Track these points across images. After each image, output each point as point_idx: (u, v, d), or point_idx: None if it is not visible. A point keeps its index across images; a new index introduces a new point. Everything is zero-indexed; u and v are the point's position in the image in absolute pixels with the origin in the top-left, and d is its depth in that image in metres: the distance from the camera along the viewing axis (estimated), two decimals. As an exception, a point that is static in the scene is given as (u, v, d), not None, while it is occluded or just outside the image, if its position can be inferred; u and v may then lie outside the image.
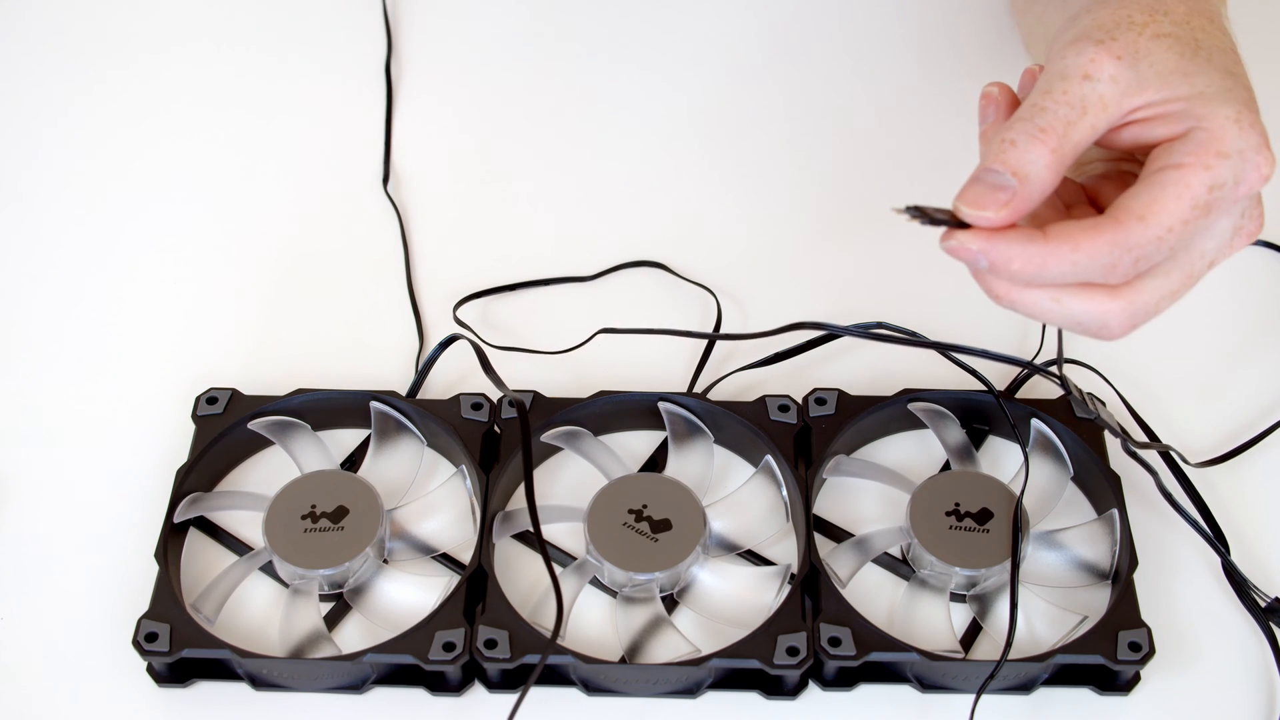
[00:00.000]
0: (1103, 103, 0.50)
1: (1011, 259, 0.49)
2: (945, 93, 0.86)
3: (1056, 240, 0.49)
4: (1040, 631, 0.64)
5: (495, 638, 0.61)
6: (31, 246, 0.80)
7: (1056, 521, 0.67)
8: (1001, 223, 0.49)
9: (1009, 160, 0.49)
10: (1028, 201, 0.49)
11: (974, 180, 0.50)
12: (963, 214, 0.50)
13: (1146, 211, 0.49)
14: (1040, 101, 0.50)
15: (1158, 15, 0.53)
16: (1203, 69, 0.51)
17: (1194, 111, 0.50)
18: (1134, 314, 0.51)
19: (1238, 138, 0.50)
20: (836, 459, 0.68)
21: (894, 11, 0.90)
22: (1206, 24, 0.53)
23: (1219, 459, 0.69)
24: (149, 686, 0.63)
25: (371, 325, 0.76)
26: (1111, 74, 0.51)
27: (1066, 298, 0.51)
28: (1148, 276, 0.51)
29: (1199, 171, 0.49)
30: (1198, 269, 0.52)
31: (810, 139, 0.85)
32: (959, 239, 0.50)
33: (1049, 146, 0.49)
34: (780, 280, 0.78)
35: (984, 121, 0.54)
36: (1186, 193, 0.49)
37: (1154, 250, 0.50)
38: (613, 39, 0.90)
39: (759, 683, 0.62)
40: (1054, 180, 0.50)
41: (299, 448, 0.69)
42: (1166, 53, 0.51)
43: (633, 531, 0.64)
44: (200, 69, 0.89)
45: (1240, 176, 0.50)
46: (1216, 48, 0.53)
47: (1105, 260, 0.49)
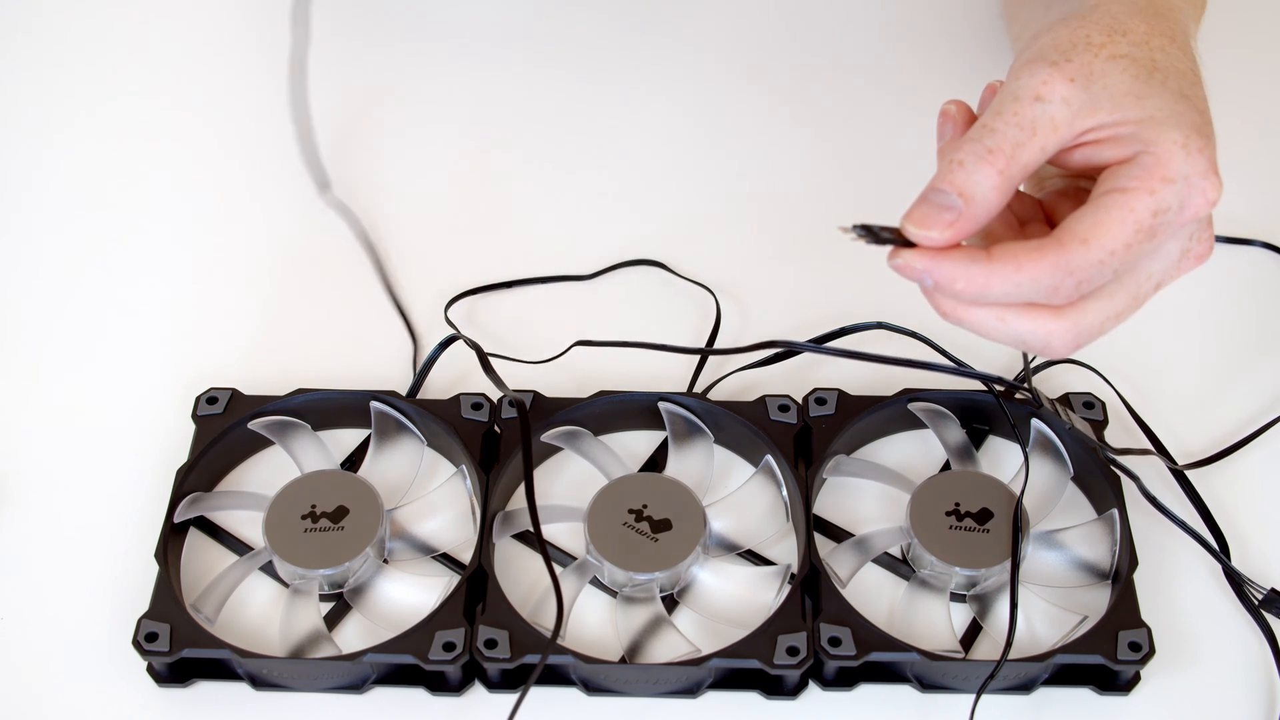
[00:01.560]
0: (1053, 124, 0.51)
1: (955, 279, 0.50)
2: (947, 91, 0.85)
3: (1000, 261, 0.49)
4: (1040, 631, 0.64)
5: (495, 638, 0.61)
6: (31, 247, 0.80)
7: (1056, 521, 0.67)
8: (946, 243, 0.50)
9: (956, 181, 0.50)
10: (973, 222, 0.50)
11: (921, 200, 0.50)
12: (909, 233, 0.50)
13: (1089, 235, 0.49)
14: (991, 123, 0.51)
15: (1115, 35, 0.53)
16: (1156, 91, 0.51)
17: (1142, 135, 0.50)
18: (1078, 334, 0.52)
19: (1184, 163, 0.50)
20: (836, 459, 0.68)
21: (896, 11, 0.90)
22: (1167, 44, 0.53)
23: (1208, 460, 0.69)
24: (149, 686, 0.63)
25: (371, 325, 0.76)
26: (1064, 96, 0.51)
27: (1011, 316, 0.51)
28: (1092, 298, 0.51)
29: (1143, 196, 0.50)
30: (1144, 290, 0.53)
31: (811, 138, 0.85)
32: (904, 258, 0.50)
33: (996, 168, 0.50)
34: (780, 280, 0.78)
35: (941, 139, 0.54)
36: (1130, 217, 0.50)
37: (1096, 273, 0.50)
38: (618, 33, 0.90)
39: (759, 683, 0.62)
40: (1001, 201, 0.50)
41: (299, 448, 0.69)
42: (1121, 74, 0.51)
43: (633, 531, 0.64)
44: (200, 70, 0.89)
45: (1185, 202, 0.50)
46: (1173, 69, 0.53)
47: (1048, 282, 0.50)
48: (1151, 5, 0.55)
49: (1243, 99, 0.86)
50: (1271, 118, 0.86)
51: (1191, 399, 0.72)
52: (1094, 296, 0.51)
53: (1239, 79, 0.86)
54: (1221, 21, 0.79)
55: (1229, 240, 0.78)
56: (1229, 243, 0.78)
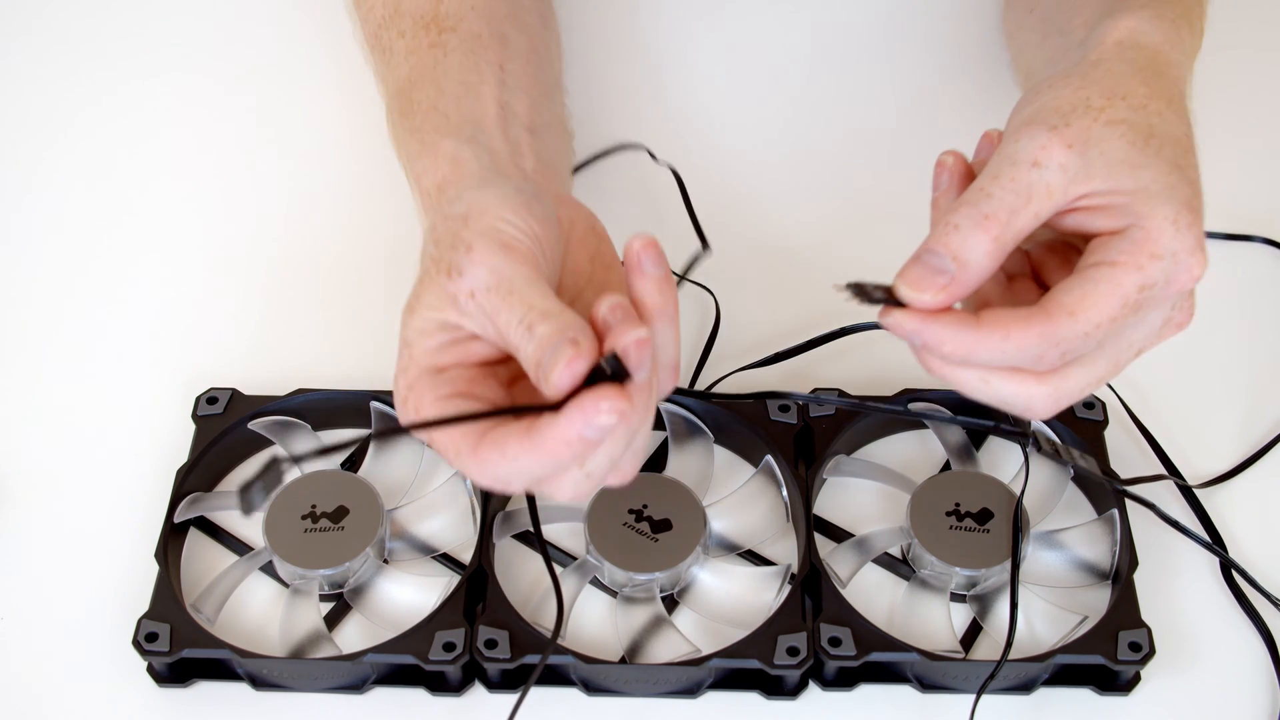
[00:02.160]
0: (1049, 190, 0.51)
1: (944, 342, 0.51)
2: (952, 90, 0.86)
3: (988, 328, 0.50)
4: (1040, 631, 0.64)
5: (495, 638, 0.61)
6: (32, 247, 0.80)
7: (1056, 521, 0.67)
8: (938, 305, 0.51)
9: (951, 244, 0.50)
10: (965, 286, 0.51)
11: (916, 260, 0.51)
12: (901, 294, 0.51)
13: (1077, 307, 0.50)
14: (988, 187, 0.51)
15: (1115, 99, 0.53)
16: (1151, 161, 0.52)
17: (1134, 208, 0.51)
18: (1058, 399, 0.53)
19: (1173, 239, 0.50)
20: (836, 459, 0.68)
21: (899, 13, 0.90)
22: (1164, 107, 0.54)
23: (1217, 479, 0.69)
24: (149, 686, 0.63)
25: (371, 325, 0.76)
26: (1061, 162, 0.51)
27: (995, 379, 0.52)
28: (1075, 365, 0.52)
29: (1132, 271, 0.50)
30: (1124, 358, 0.53)
31: (812, 137, 0.85)
32: (895, 317, 0.51)
33: (991, 234, 0.50)
34: (780, 279, 0.78)
35: (937, 189, 0.55)
36: (1118, 291, 0.50)
37: (1081, 344, 0.51)
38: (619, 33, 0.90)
39: (759, 683, 0.63)
40: (993, 266, 0.51)
41: (299, 448, 0.69)
42: (1118, 141, 0.52)
43: (633, 531, 0.64)
44: (200, 70, 0.89)
45: (1171, 277, 0.51)
46: (1169, 137, 0.53)
47: (1034, 351, 0.50)
48: (1152, 64, 0.56)
49: (1242, 93, 0.86)
50: (1271, 112, 0.86)
51: (1191, 394, 0.72)
52: (1077, 364, 0.52)
53: (1239, 73, 0.86)
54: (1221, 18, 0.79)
55: (1229, 236, 0.78)
56: (1229, 239, 0.78)
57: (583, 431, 0.47)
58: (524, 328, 0.49)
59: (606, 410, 0.47)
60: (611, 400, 0.47)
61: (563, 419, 0.47)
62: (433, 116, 0.62)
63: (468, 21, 0.67)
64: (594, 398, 0.47)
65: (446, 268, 0.51)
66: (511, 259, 0.51)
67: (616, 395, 0.47)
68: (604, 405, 0.47)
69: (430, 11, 0.68)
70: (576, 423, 0.47)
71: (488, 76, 0.65)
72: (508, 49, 0.67)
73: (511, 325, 0.50)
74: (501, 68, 0.66)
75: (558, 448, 0.48)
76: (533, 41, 0.70)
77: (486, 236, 0.52)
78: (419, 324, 0.52)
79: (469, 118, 0.62)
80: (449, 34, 0.66)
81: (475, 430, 0.50)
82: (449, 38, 0.66)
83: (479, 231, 0.52)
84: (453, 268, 0.51)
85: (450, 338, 0.52)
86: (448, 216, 0.53)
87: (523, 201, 0.53)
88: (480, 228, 0.52)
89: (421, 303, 0.52)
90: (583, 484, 0.51)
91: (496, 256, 0.51)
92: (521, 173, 0.60)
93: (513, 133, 0.63)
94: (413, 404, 0.52)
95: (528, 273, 0.51)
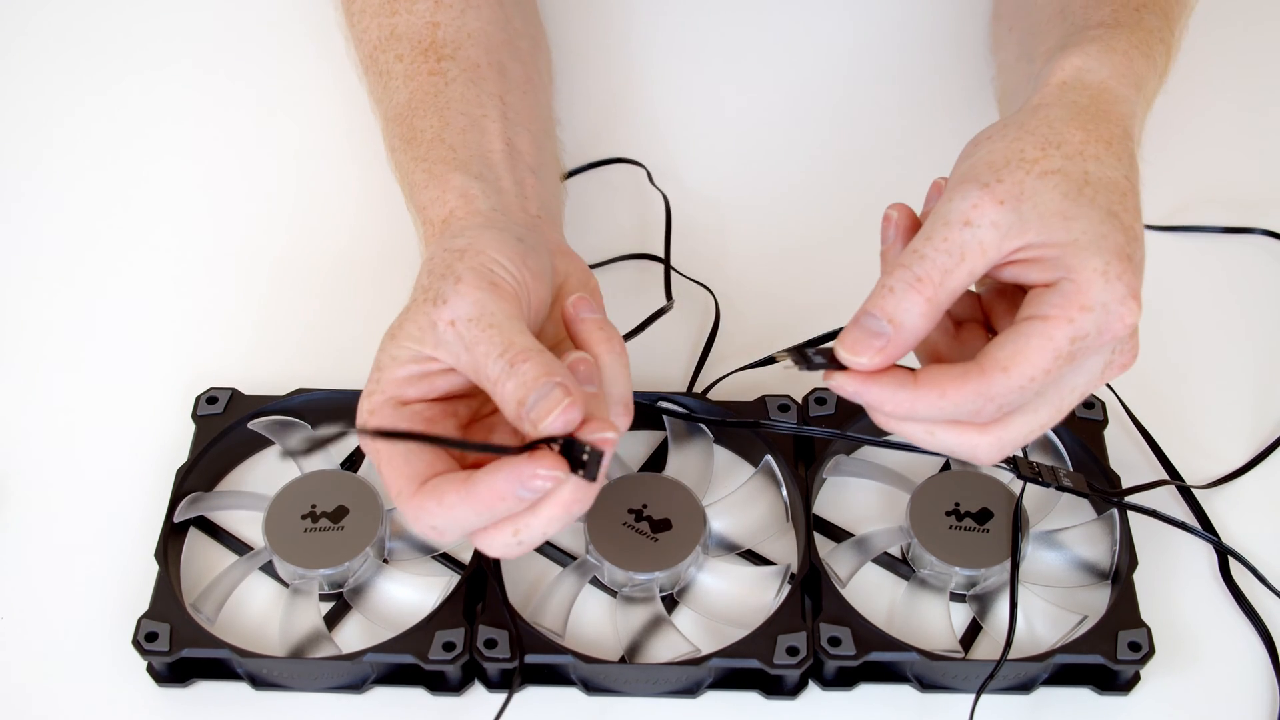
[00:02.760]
0: (982, 248, 0.52)
1: (884, 402, 0.52)
2: (950, 91, 0.86)
3: (925, 387, 0.52)
4: (1040, 631, 0.64)
5: (495, 637, 0.61)
6: (32, 246, 0.80)
7: (1056, 521, 0.67)
8: (875, 367, 0.52)
9: (886, 307, 0.52)
10: (902, 347, 0.52)
11: (854, 323, 0.52)
12: (842, 358, 0.52)
13: (1010, 363, 0.51)
14: (921, 249, 0.52)
15: (1050, 148, 0.54)
16: (1084, 211, 0.52)
17: (1065, 261, 0.52)
18: (1002, 447, 0.54)
19: (1103, 290, 0.51)
20: (836, 459, 0.68)
21: (898, 12, 0.90)
22: (1102, 152, 0.54)
23: (1218, 481, 0.69)
24: (149, 686, 0.63)
25: (372, 325, 0.76)
26: (993, 220, 0.52)
27: (939, 431, 0.54)
28: (1017, 414, 0.53)
29: (1062, 324, 0.51)
30: (1066, 403, 0.54)
31: (812, 137, 0.85)
32: (837, 380, 0.53)
33: (924, 295, 0.51)
34: (779, 279, 0.78)
35: (884, 243, 0.56)
36: (1049, 345, 0.51)
37: (1017, 397, 0.52)
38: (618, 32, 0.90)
39: (759, 682, 0.63)
40: (928, 325, 0.52)
41: (299, 447, 0.69)
42: (1051, 192, 0.52)
43: (633, 531, 0.64)
44: (200, 70, 0.89)
45: (1104, 327, 0.52)
46: (1104, 183, 0.53)
47: (970, 406, 0.52)
48: (1094, 103, 0.57)
49: (1240, 84, 0.86)
50: (1268, 103, 0.86)
51: (1191, 390, 0.72)
52: (1018, 412, 0.53)
53: (1236, 63, 0.86)
54: (1218, 7, 0.79)
55: (1229, 229, 0.78)
56: (1229, 231, 0.78)
57: (519, 490, 0.50)
58: (504, 361, 0.51)
59: (544, 476, 0.50)
60: (550, 469, 0.50)
61: (500, 474, 0.50)
62: (438, 148, 0.64)
63: (465, 50, 0.68)
64: (533, 463, 0.50)
65: (434, 296, 0.54)
66: (497, 296, 0.53)
67: (555, 464, 0.50)
68: (541, 471, 0.50)
69: (427, 37, 0.69)
70: (513, 480, 0.50)
71: (490, 110, 0.67)
72: (506, 80, 0.69)
73: (490, 357, 0.52)
74: (503, 100, 0.68)
75: (493, 500, 0.50)
76: (527, 70, 0.72)
77: (477, 273, 0.54)
78: (394, 350, 0.55)
79: (476, 153, 0.64)
80: (448, 61, 0.68)
81: (417, 476, 0.53)
82: (448, 65, 0.68)
83: (471, 267, 0.54)
84: (439, 296, 0.54)
85: (421, 370, 0.54)
86: (447, 249, 0.56)
87: (520, 251, 0.56)
88: (473, 264, 0.54)
89: (403, 330, 0.54)
90: (512, 548, 0.53)
91: (483, 292, 0.53)
92: (527, 216, 0.63)
93: (519, 173, 0.65)
94: (372, 428, 0.54)
95: (511, 310, 0.53)
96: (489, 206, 0.61)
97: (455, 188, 0.62)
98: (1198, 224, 0.79)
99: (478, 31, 0.70)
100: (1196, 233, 0.79)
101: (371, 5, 0.71)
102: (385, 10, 0.71)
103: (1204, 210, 0.79)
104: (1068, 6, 0.65)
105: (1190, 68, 0.65)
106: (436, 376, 0.55)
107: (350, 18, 0.73)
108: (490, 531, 0.52)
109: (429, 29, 0.69)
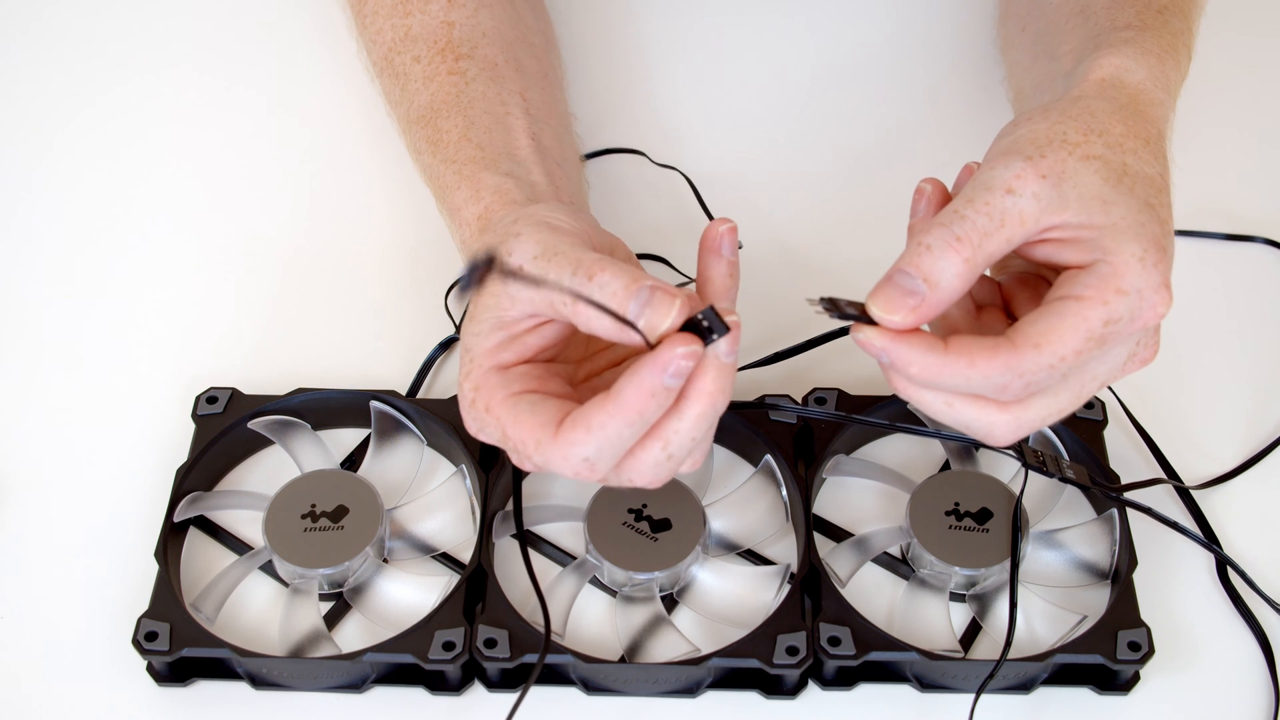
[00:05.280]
0: (1021, 218, 0.52)
1: (911, 363, 0.51)
2: (951, 90, 0.86)
3: (954, 355, 0.51)
4: (1040, 631, 0.64)
5: (495, 637, 0.61)
6: (32, 246, 0.80)
7: (1056, 521, 0.67)
8: (907, 326, 0.51)
9: (922, 265, 0.51)
10: (936, 307, 0.51)
11: (887, 280, 0.52)
12: (873, 313, 0.52)
13: (1042, 340, 0.51)
14: (962, 209, 0.52)
15: (1092, 135, 0.54)
16: (1124, 198, 0.52)
17: (1103, 243, 0.51)
18: (1019, 427, 0.54)
19: (1139, 276, 0.51)
20: (836, 459, 0.68)
21: (900, 12, 0.90)
22: (1140, 147, 0.54)
23: (1215, 481, 0.69)
24: (149, 686, 0.63)
25: (371, 325, 0.76)
26: (1034, 191, 0.52)
27: (958, 403, 0.53)
28: (1038, 396, 0.53)
29: (1097, 306, 0.51)
30: (1087, 390, 0.54)
31: (812, 137, 0.85)
32: (866, 334, 0.52)
33: (962, 256, 0.51)
34: (780, 279, 0.78)
35: (915, 215, 0.55)
36: (1083, 325, 0.51)
37: (1045, 376, 0.51)
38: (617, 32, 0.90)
39: (758, 682, 0.63)
40: (963, 287, 0.51)
41: (299, 447, 0.69)
42: (1092, 176, 0.52)
43: (633, 531, 0.64)
44: (201, 70, 0.89)
45: (1136, 313, 0.51)
46: (1143, 176, 0.53)
47: (998, 380, 0.51)
48: (1133, 103, 0.57)
49: (1243, 94, 0.86)
50: (1271, 114, 0.86)
51: (1191, 394, 0.72)
52: (1040, 394, 0.53)
53: (1240, 72, 0.86)
54: (1224, 19, 0.79)
55: (1229, 237, 0.79)
56: (1229, 239, 0.79)
57: (665, 379, 0.49)
58: (582, 275, 0.51)
59: (684, 354, 0.49)
60: (687, 344, 0.49)
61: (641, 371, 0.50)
62: (466, 148, 0.64)
63: (482, 48, 0.69)
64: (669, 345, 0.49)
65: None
66: (556, 234, 0.54)
67: (690, 340, 0.50)
68: (680, 349, 0.49)
69: (443, 37, 0.69)
70: (656, 370, 0.49)
71: (513, 108, 0.67)
72: (525, 76, 0.69)
73: (563, 280, 0.51)
74: (524, 97, 0.68)
75: (641, 400, 0.50)
76: (543, 65, 0.72)
77: (534, 223, 0.54)
78: (475, 328, 0.55)
79: (504, 152, 0.65)
80: (465, 60, 0.68)
81: (551, 420, 0.52)
82: (466, 64, 0.68)
83: (529, 222, 0.55)
84: (502, 254, 0.53)
85: (507, 334, 0.54)
86: (501, 226, 0.56)
87: (571, 211, 0.57)
88: (530, 220, 0.55)
89: (476, 306, 0.55)
90: (663, 465, 0.52)
91: (543, 232, 0.54)
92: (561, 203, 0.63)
93: (547, 165, 0.65)
94: (481, 402, 0.54)
95: (574, 241, 0.53)
96: (525, 196, 0.62)
97: (489, 185, 0.62)
98: (1200, 230, 0.79)
99: (492, 29, 0.70)
100: (1199, 239, 0.79)
101: (384, 7, 0.71)
102: (399, 11, 0.71)
103: (1206, 218, 0.79)
104: (1088, 7, 0.65)
105: (1194, 75, 0.65)
106: (525, 336, 0.54)
107: (362, 20, 0.73)
108: (639, 454, 0.52)
109: (444, 28, 0.69)
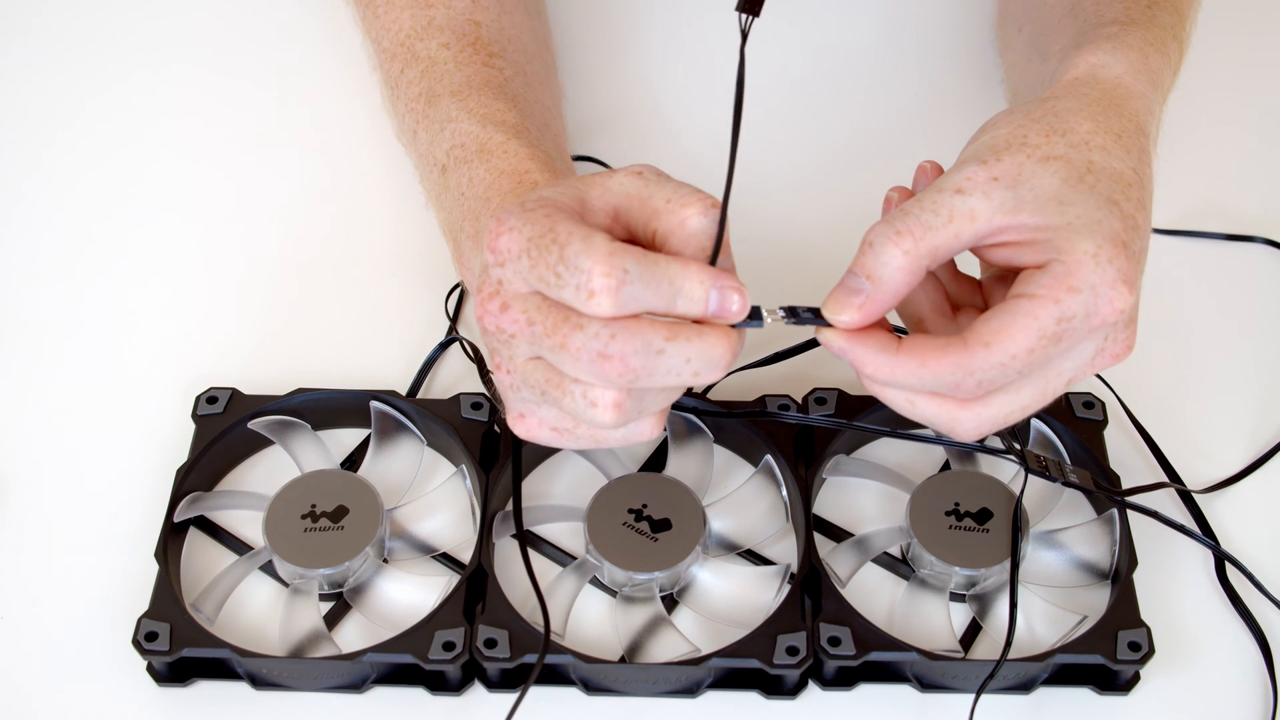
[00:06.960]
0: (971, 214, 0.52)
1: (865, 363, 0.52)
2: (950, 89, 0.86)
3: (906, 354, 0.52)
4: (1040, 631, 0.64)
5: (495, 637, 0.61)
6: (33, 247, 0.80)
7: (1056, 521, 0.67)
8: (858, 324, 0.52)
9: (864, 264, 0.52)
10: (880, 304, 0.52)
11: (839, 284, 0.53)
12: (827, 316, 0.53)
13: (993, 339, 0.51)
14: (907, 207, 0.52)
15: (1054, 136, 0.54)
16: (1082, 197, 0.52)
17: (1056, 243, 0.52)
18: (980, 424, 0.54)
19: (1093, 273, 0.51)
20: (836, 459, 0.68)
21: (899, 11, 0.90)
22: (1110, 143, 0.54)
23: (1218, 485, 0.69)
24: (149, 686, 0.63)
25: (371, 325, 0.76)
26: (985, 190, 0.52)
27: (919, 400, 0.54)
28: (998, 393, 0.53)
29: (1049, 304, 0.51)
30: (1053, 386, 0.54)
31: (812, 137, 0.85)
32: (825, 335, 0.53)
33: (902, 249, 0.51)
34: (780, 278, 0.77)
35: None
36: (1034, 324, 0.51)
37: (998, 374, 0.52)
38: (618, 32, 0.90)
39: (759, 682, 0.63)
40: (908, 281, 0.52)
41: (299, 447, 0.69)
42: (1050, 177, 0.52)
43: (632, 531, 0.64)
44: (202, 70, 0.89)
45: (1092, 310, 0.51)
46: (1108, 173, 0.53)
47: (949, 379, 0.52)
48: (1107, 97, 0.57)
49: (1243, 95, 0.86)
50: (1271, 113, 0.86)
51: (1191, 395, 0.72)
52: (1000, 391, 0.53)
53: (1240, 72, 0.86)
54: (1222, 18, 0.79)
55: (1229, 237, 0.79)
56: (1229, 239, 0.79)
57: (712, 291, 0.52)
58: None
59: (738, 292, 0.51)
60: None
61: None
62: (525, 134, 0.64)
63: (510, 53, 0.69)
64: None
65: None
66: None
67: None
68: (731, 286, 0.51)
69: (471, 33, 0.69)
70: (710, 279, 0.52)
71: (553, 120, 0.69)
72: (549, 90, 0.71)
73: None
74: (551, 109, 0.70)
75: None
76: (554, 79, 0.73)
77: None
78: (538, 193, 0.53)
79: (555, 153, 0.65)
80: (499, 59, 0.68)
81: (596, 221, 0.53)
82: (500, 63, 0.68)
83: None
84: None
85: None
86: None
87: None
88: None
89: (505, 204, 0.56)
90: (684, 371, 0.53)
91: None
92: None
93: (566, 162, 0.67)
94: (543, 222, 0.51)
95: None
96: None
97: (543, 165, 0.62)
98: (1200, 230, 0.79)
99: (515, 38, 0.70)
100: (1199, 239, 0.79)
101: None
102: (420, 3, 0.70)
103: (1207, 218, 0.79)
104: (1079, 5, 0.65)
105: (1194, 75, 0.65)
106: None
107: (374, 9, 0.73)
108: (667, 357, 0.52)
109: (471, 26, 0.69)
